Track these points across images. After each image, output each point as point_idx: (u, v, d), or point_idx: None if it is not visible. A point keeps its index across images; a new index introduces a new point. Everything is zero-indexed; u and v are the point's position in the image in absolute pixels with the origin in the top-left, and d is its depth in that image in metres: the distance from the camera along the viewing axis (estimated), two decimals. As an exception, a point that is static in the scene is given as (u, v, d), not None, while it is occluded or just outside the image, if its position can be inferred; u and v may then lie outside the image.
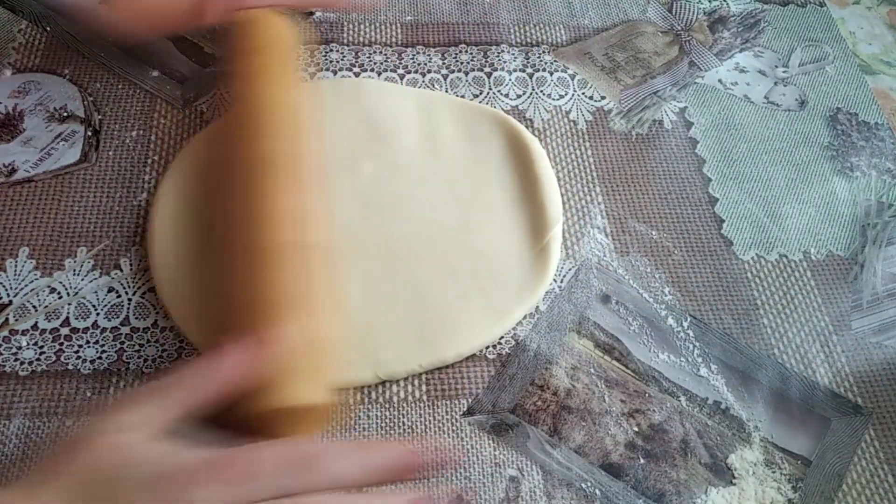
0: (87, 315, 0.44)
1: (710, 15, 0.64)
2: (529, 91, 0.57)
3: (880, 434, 0.44)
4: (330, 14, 0.60)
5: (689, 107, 0.58)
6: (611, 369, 0.45)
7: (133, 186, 0.49)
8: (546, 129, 0.55)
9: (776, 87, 0.60)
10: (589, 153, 0.54)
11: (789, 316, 0.48)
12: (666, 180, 0.54)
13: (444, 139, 0.52)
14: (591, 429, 0.43)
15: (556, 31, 0.61)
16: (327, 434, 0.41)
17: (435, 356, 0.43)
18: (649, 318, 0.47)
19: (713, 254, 0.50)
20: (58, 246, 0.46)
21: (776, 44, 0.63)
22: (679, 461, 0.42)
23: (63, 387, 0.41)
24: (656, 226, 0.51)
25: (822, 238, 0.52)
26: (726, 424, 0.44)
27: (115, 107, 0.53)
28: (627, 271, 0.49)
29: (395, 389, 0.43)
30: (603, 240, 0.50)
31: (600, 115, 0.57)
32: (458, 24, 0.61)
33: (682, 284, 0.49)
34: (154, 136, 0.52)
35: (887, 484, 0.42)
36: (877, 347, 0.47)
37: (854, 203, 0.54)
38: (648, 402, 0.44)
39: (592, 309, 0.47)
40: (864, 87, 0.61)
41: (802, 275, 0.50)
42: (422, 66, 0.58)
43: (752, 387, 0.45)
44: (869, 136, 0.58)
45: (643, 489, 0.41)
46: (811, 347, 0.47)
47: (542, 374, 0.44)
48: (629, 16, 0.63)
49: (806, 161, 0.56)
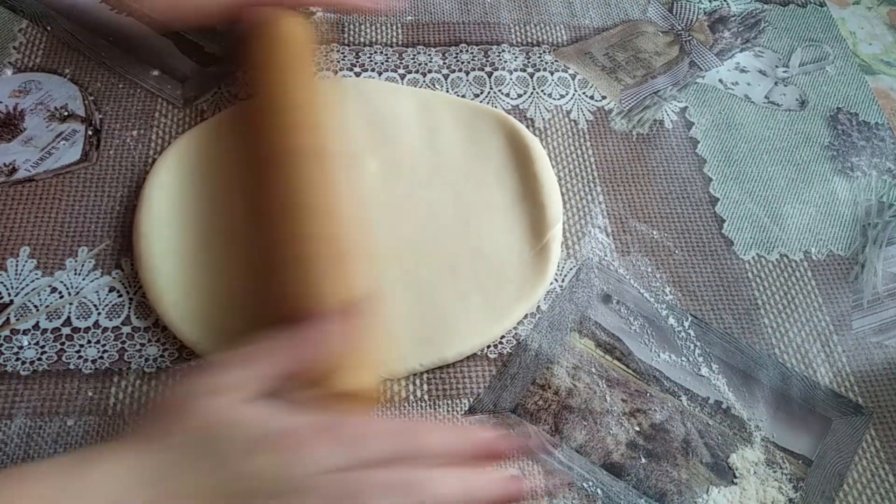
0: (89, 315, 0.44)
1: (710, 15, 0.64)
2: (530, 91, 0.57)
3: (881, 434, 0.44)
4: (330, 14, 0.60)
5: (690, 107, 0.58)
6: (612, 369, 0.45)
7: (134, 186, 0.49)
8: (547, 128, 0.55)
9: (777, 86, 0.60)
10: (590, 153, 0.54)
11: (790, 316, 0.48)
12: (667, 180, 0.54)
13: (444, 139, 0.52)
14: (593, 428, 0.43)
15: (556, 31, 0.61)
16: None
17: (436, 355, 0.43)
18: (650, 318, 0.47)
19: (714, 253, 0.50)
20: (59, 245, 0.46)
21: (776, 44, 0.63)
22: (680, 461, 0.42)
23: (64, 386, 0.41)
24: (657, 225, 0.51)
25: (822, 238, 0.52)
26: (727, 424, 0.44)
27: (116, 106, 0.53)
28: (628, 271, 0.49)
29: (397, 389, 0.43)
30: (604, 239, 0.50)
31: (601, 114, 0.57)
32: (459, 23, 0.61)
33: (682, 284, 0.49)
34: (155, 135, 0.52)
35: (888, 484, 0.42)
36: (877, 347, 0.47)
37: (854, 203, 0.54)
38: (650, 401, 0.44)
39: (593, 308, 0.47)
40: (864, 87, 0.61)
41: (803, 275, 0.50)
42: (422, 66, 0.58)
43: (753, 386, 0.45)
44: (869, 136, 0.58)
45: (644, 489, 0.41)
46: (812, 347, 0.47)
47: (544, 374, 0.44)
48: (630, 16, 0.64)
49: (806, 161, 0.56)
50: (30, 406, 0.41)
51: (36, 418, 0.40)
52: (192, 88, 0.54)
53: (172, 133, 0.52)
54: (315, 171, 0.42)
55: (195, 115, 0.53)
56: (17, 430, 0.40)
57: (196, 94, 0.54)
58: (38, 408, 0.41)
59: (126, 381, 0.42)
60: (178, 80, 0.55)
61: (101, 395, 0.41)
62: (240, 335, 0.42)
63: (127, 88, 0.54)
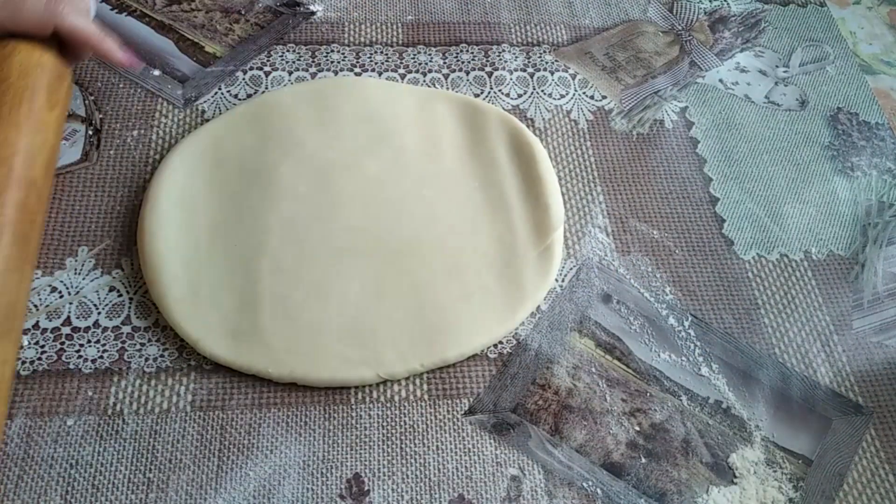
0: (89, 314, 0.44)
1: (710, 15, 0.64)
2: (530, 91, 0.57)
3: (881, 433, 0.44)
4: (331, 13, 0.60)
5: (690, 106, 0.58)
6: (612, 369, 0.45)
7: (134, 185, 0.49)
8: (547, 128, 0.55)
9: (777, 86, 0.60)
10: (590, 153, 0.54)
11: (790, 315, 0.48)
12: (667, 180, 0.54)
13: (445, 139, 0.52)
14: (593, 428, 0.43)
15: (556, 31, 0.61)
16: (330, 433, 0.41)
17: (436, 355, 0.43)
18: (650, 318, 0.47)
19: (714, 253, 0.50)
20: (59, 245, 0.46)
21: (777, 44, 0.63)
22: (680, 460, 0.42)
23: (64, 386, 0.41)
24: (657, 225, 0.51)
25: (822, 238, 0.52)
26: (727, 424, 0.44)
27: (116, 106, 0.53)
28: (628, 271, 0.49)
29: (397, 389, 0.43)
30: (604, 239, 0.50)
31: (601, 114, 0.57)
32: (459, 23, 0.61)
33: (683, 284, 0.49)
34: (155, 135, 0.52)
35: (888, 483, 0.42)
36: (877, 347, 0.47)
37: (855, 203, 0.54)
38: (650, 401, 0.44)
39: (594, 308, 0.47)
40: (864, 87, 0.61)
41: (803, 274, 0.50)
42: (423, 66, 0.58)
43: (753, 386, 0.45)
44: (869, 135, 0.58)
45: (644, 488, 0.41)
46: (812, 347, 0.47)
47: (544, 374, 0.44)
48: (630, 15, 0.63)
49: (807, 161, 0.56)
50: (30, 406, 0.41)
51: (36, 418, 0.40)
52: (192, 88, 0.54)
53: (172, 133, 0.52)
54: None
55: (195, 115, 0.53)
56: (17, 429, 0.40)
57: (196, 95, 0.54)
58: (38, 407, 0.41)
59: (126, 381, 0.42)
60: (178, 80, 0.55)
61: (101, 395, 0.41)
62: (241, 334, 0.43)
63: (127, 88, 0.54)
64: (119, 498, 0.38)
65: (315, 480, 0.40)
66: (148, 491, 0.39)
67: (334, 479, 0.40)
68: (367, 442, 0.41)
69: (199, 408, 0.41)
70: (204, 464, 0.40)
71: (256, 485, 0.39)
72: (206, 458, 0.40)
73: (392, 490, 0.40)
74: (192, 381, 0.42)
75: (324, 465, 0.40)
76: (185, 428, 0.41)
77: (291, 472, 0.40)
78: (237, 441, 0.41)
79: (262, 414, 0.42)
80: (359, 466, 0.40)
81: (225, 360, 0.42)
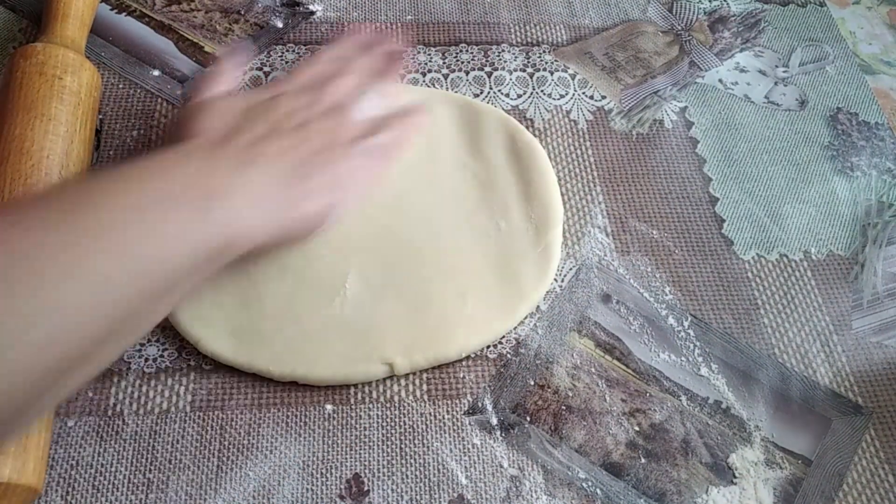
0: (89, 314, 0.44)
1: (710, 15, 0.64)
2: (530, 91, 0.57)
3: (881, 434, 0.44)
4: (330, 13, 0.60)
5: (690, 106, 0.58)
6: (611, 369, 0.45)
7: (134, 186, 0.49)
8: (547, 128, 0.55)
9: (776, 86, 0.60)
10: (589, 153, 0.54)
11: (790, 315, 0.48)
12: (666, 180, 0.54)
13: (444, 139, 0.52)
14: (592, 428, 0.43)
15: (556, 31, 0.61)
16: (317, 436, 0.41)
17: (436, 355, 0.43)
18: (650, 318, 0.47)
19: (714, 253, 0.50)
20: (59, 245, 0.46)
21: (776, 44, 0.63)
22: (680, 461, 0.42)
23: (64, 386, 0.41)
24: (657, 225, 0.51)
25: (822, 238, 0.52)
26: (727, 424, 0.44)
27: (116, 106, 0.53)
28: (628, 271, 0.49)
29: (396, 388, 0.43)
30: (604, 239, 0.50)
31: (601, 114, 0.57)
32: (459, 23, 0.61)
33: (682, 284, 0.49)
34: (155, 135, 0.52)
35: (888, 484, 0.42)
36: (877, 347, 0.47)
37: (854, 203, 0.54)
38: (649, 401, 0.44)
39: (593, 308, 0.47)
40: (864, 86, 0.61)
41: (803, 274, 0.50)
42: (422, 66, 0.58)
43: (753, 386, 0.45)
44: (869, 135, 0.58)
45: (644, 489, 0.41)
46: (811, 347, 0.47)
47: (543, 374, 0.44)
48: (629, 15, 0.64)
49: (806, 161, 0.56)
50: (30, 406, 0.41)
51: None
52: (192, 88, 0.54)
53: (172, 133, 0.52)
54: None
55: (195, 115, 0.53)
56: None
57: (196, 95, 0.54)
58: (38, 408, 0.41)
59: (126, 381, 0.42)
60: (179, 80, 0.55)
61: (101, 395, 0.41)
62: (243, 333, 0.43)
63: (127, 89, 0.54)
64: (119, 498, 0.38)
65: (315, 480, 0.40)
66: (148, 491, 0.39)
67: (334, 479, 0.40)
68: (366, 442, 0.41)
69: (199, 408, 0.41)
70: (204, 464, 0.40)
71: (256, 485, 0.39)
72: (205, 459, 0.40)
73: (392, 490, 0.40)
74: (192, 381, 0.42)
75: (323, 465, 0.40)
76: (184, 428, 0.41)
77: (291, 472, 0.40)
78: (237, 441, 0.41)
79: (261, 414, 0.42)
80: (358, 466, 0.40)
81: (226, 359, 0.42)
